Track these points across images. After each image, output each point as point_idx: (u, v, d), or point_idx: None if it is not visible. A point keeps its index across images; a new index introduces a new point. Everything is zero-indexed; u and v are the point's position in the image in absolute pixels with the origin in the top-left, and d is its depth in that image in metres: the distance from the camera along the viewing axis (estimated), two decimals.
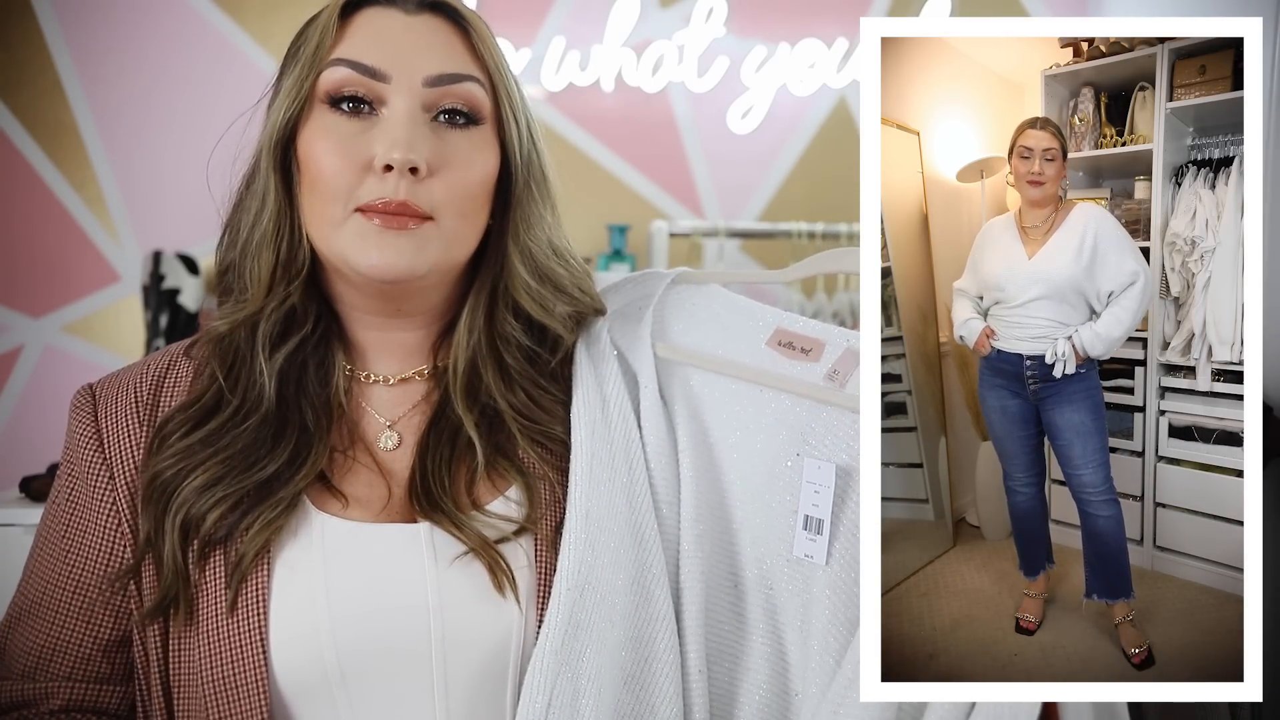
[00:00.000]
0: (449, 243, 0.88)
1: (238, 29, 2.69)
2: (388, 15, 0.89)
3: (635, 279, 1.04)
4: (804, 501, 0.91)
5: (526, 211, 0.92)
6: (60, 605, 0.91)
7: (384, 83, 0.86)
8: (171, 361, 0.95)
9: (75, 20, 2.69)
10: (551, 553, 0.89)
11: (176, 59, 2.68)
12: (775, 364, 0.97)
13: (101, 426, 0.92)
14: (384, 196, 0.84)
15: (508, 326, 0.93)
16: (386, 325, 0.94)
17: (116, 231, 2.72)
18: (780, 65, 2.77)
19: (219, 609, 0.85)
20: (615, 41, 2.74)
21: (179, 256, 2.50)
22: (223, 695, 0.84)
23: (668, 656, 0.90)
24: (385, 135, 0.85)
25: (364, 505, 0.90)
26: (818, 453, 0.93)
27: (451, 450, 0.92)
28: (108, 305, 2.72)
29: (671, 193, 2.83)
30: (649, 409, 0.96)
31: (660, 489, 0.94)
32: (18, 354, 2.70)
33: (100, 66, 2.69)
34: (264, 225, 0.89)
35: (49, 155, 2.70)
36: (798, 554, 0.91)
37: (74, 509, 0.91)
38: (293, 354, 0.91)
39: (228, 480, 0.86)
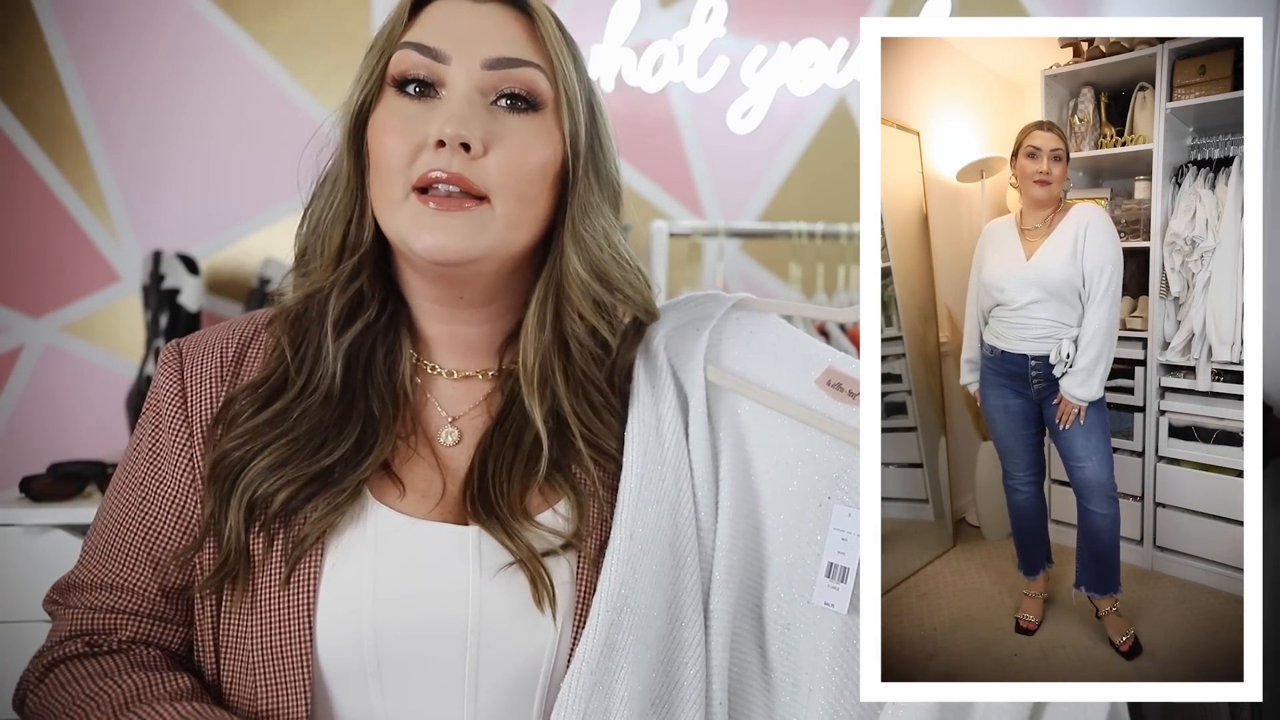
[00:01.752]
0: (506, 226, 0.89)
1: (238, 29, 2.68)
2: (456, 4, 0.92)
3: (697, 299, 1.04)
4: (829, 548, 0.90)
5: (584, 200, 0.93)
6: (132, 550, 0.94)
7: (444, 63, 0.89)
8: (255, 331, 0.97)
9: (75, 20, 2.69)
10: (593, 571, 0.90)
11: (176, 59, 2.68)
12: (821, 403, 0.96)
13: (186, 384, 0.94)
14: (437, 167, 0.86)
15: (574, 325, 0.94)
16: (452, 317, 0.96)
17: (116, 231, 2.72)
18: (780, 65, 2.76)
19: (273, 583, 0.88)
20: (615, 41, 2.74)
21: (179, 256, 2.50)
22: (269, 664, 0.87)
23: (695, 683, 0.90)
24: (441, 113, 0.88)
25: (420, 497, 0.92)
26: (849, 499, 0.92)
27: (513, 455, 0.93)
28: (108, 305, 2.72)
29: (671, 193, 2.82)
30: (696, 432, 0.95)
31: (702, 515, 0.94)
32: (18, 354, 2.70)
33: (100, 66, 2.69)
34: (336, 204, 0.92)
35: (49, 155, 2.70)
36: (817, 601, 0.90)
37: (154, 459, 0.94)
38: (359, 337, 0.94)
39: (295, 463, 0.89)
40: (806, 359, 0.99)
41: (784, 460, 0.95)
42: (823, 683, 0.88)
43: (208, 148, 2.66)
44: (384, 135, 0.89)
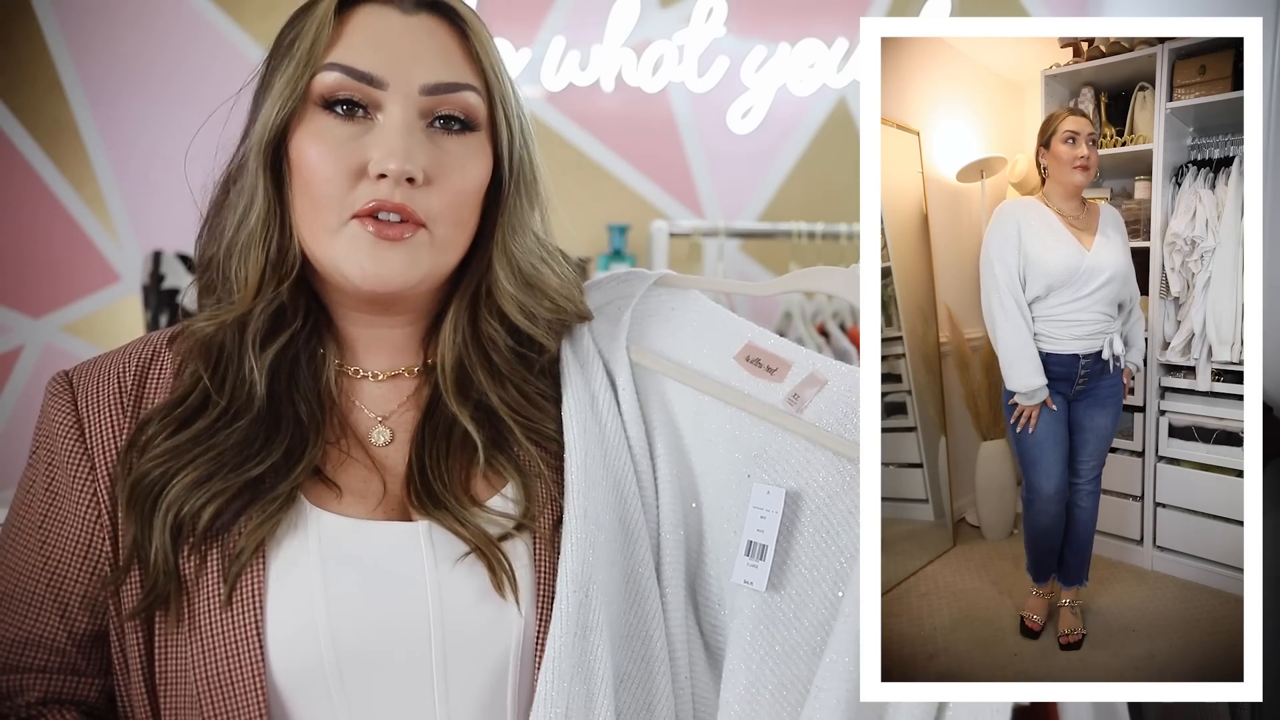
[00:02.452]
0: (441, 250, 0.88)
1: (238, 29, 2.69)
2: (384, 15, 0.87)
3: (619, 277, 1.03)
4: (749, 526, 0.90)
5: (513, 218, 0.91)
6: (34, 598, 0.88)
7: (380, 89, 0.85)
8: (155, 351, 0.93)
9: (75, 20, 2.69)
10: (550, 551, 0.89)
11: (177, 59, 2.68)
12: (739, 380, 0.95)
13: (82, 414, 0.89)
14: (378, 198, 0.84)
15: (491, 329, 0.92)
16: (374, 322, 0.93)
17: (116, 231, 2.72)
18: (780, 65, 2.76)
19: (213, 605, 0.84)
20: (615, 41, 2.74)
21: (179, 256, 2.50)
22: (218, 693, 0.83)
23: (662, 654, 0.90)
24: (381, 143, 0.84)
25: (359, 499, 0.89)
26: (768, 476, 0.91)
27: (447, 445, 0.91)
28: (108, 305, 2.72)
29: (671, 193, 2.82)
30: (629, 410, 0.95)
31: (645, 489, 0.94)
32: (18, 354, 2.70)
33: (100, 66, 2.69)
34: (251, 225, 0.87)
35: (49, 155, 2.70)
36: (736, 579, 0.90)
37: (51, 499, 0.89)
38: (283, 350, 0.90)
39: (220, 476, 0.85)
40: (726, 335, 0.98)
41: (708, 438, 0.94)
42: (743, 660, 0.87)
43: (208, 147, 2.66)
44: (315, 160, 0.85)
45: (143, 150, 2.69)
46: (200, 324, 0.89)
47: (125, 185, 2.71)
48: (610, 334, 0.98)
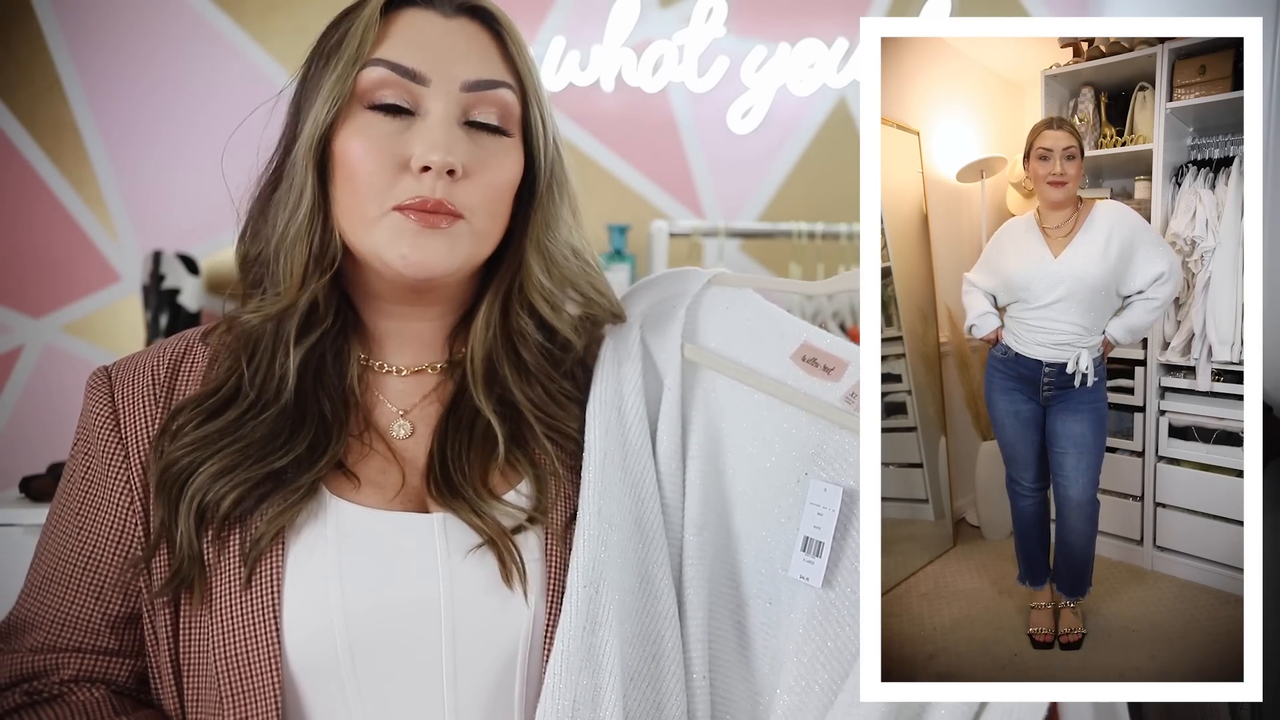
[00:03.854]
0: (477, 240, 0.91)
1: (238, 29, 2.69)
2: (426, 18, 0.91)
3: (673, 275, 1.04)
4: (806, 522, 0.91)
5: (548, 214, 0.96)
6: (71, 581, 0.92)
7: (423, 85, 0.89)
8: (188, 347, 0.97)
9: (75, 20, 2.69)
10: (562, 547, 0.91)
11: (176, 59, 2.68)
12: (796, 379, 0.96)
13: (118, 407, 0.93)
14: (421, 195, 0.87)
15: (523, 323, 0.96)
16: (405, 315, 0.97)
17: (116, 231, 2.72)
18: (780, 65, 2.76)
19: (234, 588, 0.87)
20: (615, 41, 2.74)
21: (179, 256, 2.50)
22: (235, 673, 0.86)
23: (674, 655, 0.90)
24: (424, 137, 0.88)
25: (377, 490, 0.92)
26: (826, 474, 0.92)
27: (469, 439, 0.94)
28: (108, 305, 2.72)
29: (671, 193, 2.82)
30: (668, 411, 0.96)
31: (668, 493, 0.94)
32: (18, 354, 2.70)
33: (100, 66, 2.69)
34: (299, 221, 0.91)
35: (49, 155, 2.70)
36: (793, 574, 0.91)
37: (89, 487, 0.93)
38: (313, 347, 0.94)
39: (244, 467, 0.88)
40: (782, 334, 0.99)
41: (762, 436, 0.95)
42: (794, 655, 0.88)
43: (208, 147, 2.66)
44: (360, 154, 0.88)
45: (143, 150, 2.70)
46: (247, 316, 0.93)
47: (125, 185, 2.72)
48: (664, 330, 0.99)
